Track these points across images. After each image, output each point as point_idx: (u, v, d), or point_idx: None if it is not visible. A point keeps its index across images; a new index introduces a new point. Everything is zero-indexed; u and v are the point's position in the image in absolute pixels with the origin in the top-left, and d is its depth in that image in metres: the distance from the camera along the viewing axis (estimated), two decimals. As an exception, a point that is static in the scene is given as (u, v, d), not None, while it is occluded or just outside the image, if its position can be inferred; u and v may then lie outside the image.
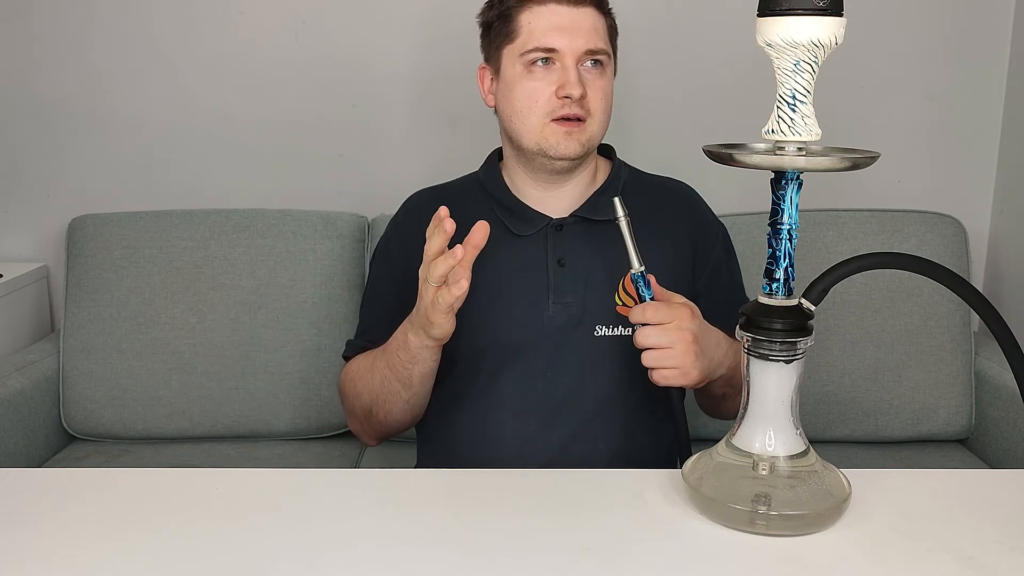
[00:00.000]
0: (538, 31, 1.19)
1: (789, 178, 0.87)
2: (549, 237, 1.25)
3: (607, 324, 1.22)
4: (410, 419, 1.25)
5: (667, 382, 1.07)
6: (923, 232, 1.80)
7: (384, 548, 0.86)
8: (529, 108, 1.20)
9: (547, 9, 1.19)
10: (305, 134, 2.00)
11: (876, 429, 1.79)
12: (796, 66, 0.83)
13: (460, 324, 1.23)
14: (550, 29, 1.18)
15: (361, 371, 1.24)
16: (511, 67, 1.22)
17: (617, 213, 1.07)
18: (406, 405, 1.20)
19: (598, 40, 1.20)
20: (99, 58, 1.97)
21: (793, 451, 0.90)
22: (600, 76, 1.21)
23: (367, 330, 1.32)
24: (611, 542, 0.86)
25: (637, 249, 1.08)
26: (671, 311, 1.05)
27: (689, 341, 1.05)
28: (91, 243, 1.83)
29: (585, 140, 1.20)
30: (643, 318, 1.05)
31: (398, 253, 1.30)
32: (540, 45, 1.18)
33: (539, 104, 1.19)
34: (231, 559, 0.84)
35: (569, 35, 1.18)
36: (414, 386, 1.17)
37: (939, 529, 0.89)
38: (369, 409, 1.23)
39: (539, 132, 1.20)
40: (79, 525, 0.91)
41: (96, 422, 1.82)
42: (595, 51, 1.19)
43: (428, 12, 1.93)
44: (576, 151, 1.20)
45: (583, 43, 1.18)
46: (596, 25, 1.20)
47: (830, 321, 1.77)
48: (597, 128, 1.21)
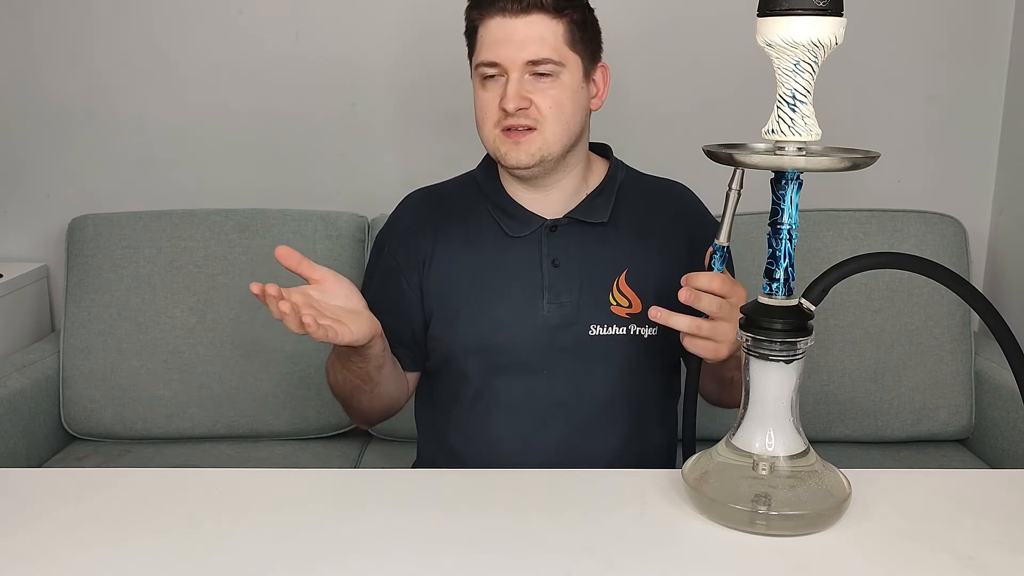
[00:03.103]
0: (485, 45, 1.20)
1: (789, 178, 0.87)
2: (543, 238, 1.25)
3: (602, 324, 1.22)
4: (384, 407, 1.27)
5: (697, 350, 1.05)
6: (923, 232, 1.80)
7: (384, 548, 0.86)
8: (483, 119, 1.22)
9: (494, 22, 1.19)
10: (305, 134, 2.00)
11: (876, 429, 1.79)
12: (796, 66, 0.83)
13: (455, 324, 1.25)
14: (493, 42, 1.19)
15: (331, 369, 1.25)
16: (474, 79, 1.24)
17: (734, 185, 1.04)
18: (372, 395, 1.22)
19: (542, 49, 1.17)
20: (99, 58, 1.97)
21: (793, 451, 0.90)
22: (551, 85, 1.19)
23: None
24: (611, 542, 0.86)
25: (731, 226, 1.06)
26: (734, 287, 1.05)
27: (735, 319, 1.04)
28: (91, 243, 1.83)
29: (536, 150, 1.19)
30: (709, 286, 1.03)
31: (390, 251, 1.31)
32: (484, 60, 1.20)
33: (489, 116, 1.21)
34: (231, 559, 0.84)
35: (509, 47, 1.17)
36: (373, 379, 1.19)
37: (939, 529, 0.89)
38: (347, 401, 1.26)
39: (492, 142, 1.22)
40: (79, 525, 0.91)
41: (96, 422, 1.82)
42: (537, 61, 1.17)
43: (428, 12, 1.93)
44: (525, 160, 1.20)
45: (523, 55, 1.17)
46: (543, 33, 1.18)
47: (830, 321, 1.77)
48: (551, 136, 1.20)
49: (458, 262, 1.26)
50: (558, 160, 1.22)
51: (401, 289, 1.28)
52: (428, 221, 1.30)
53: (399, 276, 1.28)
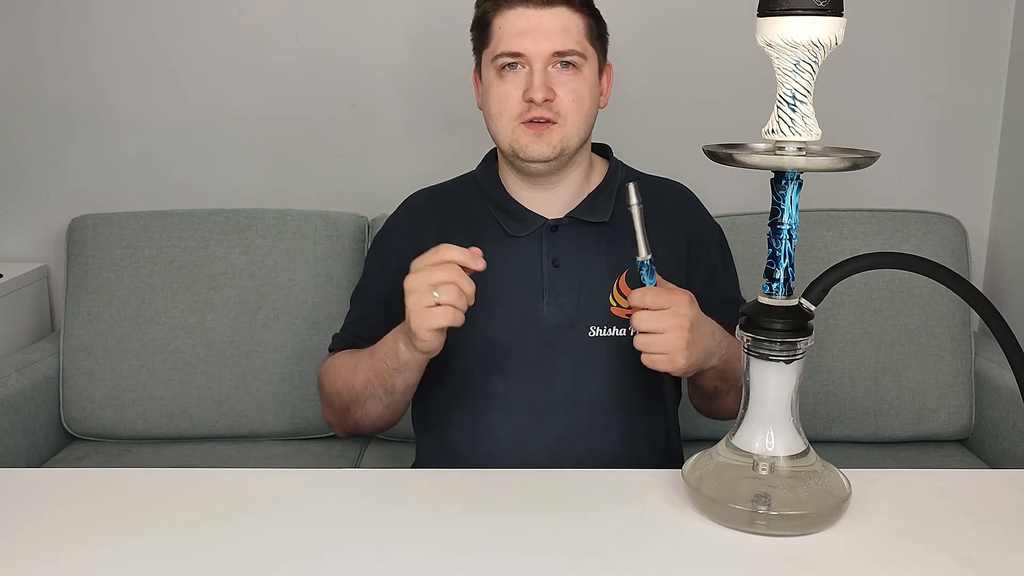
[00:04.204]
0: (505, 36, 1.19)
1: (789, 178, 0.87)
2: (544, 238, 1.25)
3: (601, 325, 1.22)
4: (386, 423, 1.25)
5: (654, 366, 1.06)
6: (923, 232, 1.80)
7: (384, 548, 0.86)
8: (500, 112, 1.21)
9: (514, 13, 1.19)
10: (305, 134, 2.00)
11: (876, 429, 1.79)
12: (796, 66, 0.83)
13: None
14: (516, 33, 1.18)
15: (343, 368, 1.24)
16: (487, 71, 1.23)
17: (631, 200, 1.05)
18: (385, 410, 1.21)
19: (568, 41, 1.18)
20: (99, 58, 1.97)
21: (793, 451, 0.90)
22: (573, 77, 1.20)
23: (354, 324, 1.34)
24: (611, 542, 0.86)
25: (647, 238, 1.07)
26: (669, 297, 1.05)
27: (684, 328, 1.05)
28: (91, 243, 1.83)
29: (557, 142, 1.20)
30: (642, 302, 1.05)
31: (391, 252, 1.30)
32: (506, 50, 1.19)
33: (508, 108, 1.20)
34: (231, 559, 0.84)
35: (535, 38, 1.17)
36: (396, 393, 1.17)
37: (939, 529, 0.89)
38: (347, 407, 1.23)
39: (511, 135, 1.21)
40: (79, 525, 0.91)
41: (96, 422, 1.82)
42: (564, 52, 1.18)
43: (428, 12, 1.93)
44: (547, 153, 1.20)
45: (550, 45, 1.17)
46: (567, 25, 1.19)
47: (830, 321, 1.77)
48: (571, 130, 1.20)
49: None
50: (572, 155, 1.23)
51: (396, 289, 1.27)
52: (432, 221, 1.30)
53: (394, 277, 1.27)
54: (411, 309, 1.04)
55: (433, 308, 1.02)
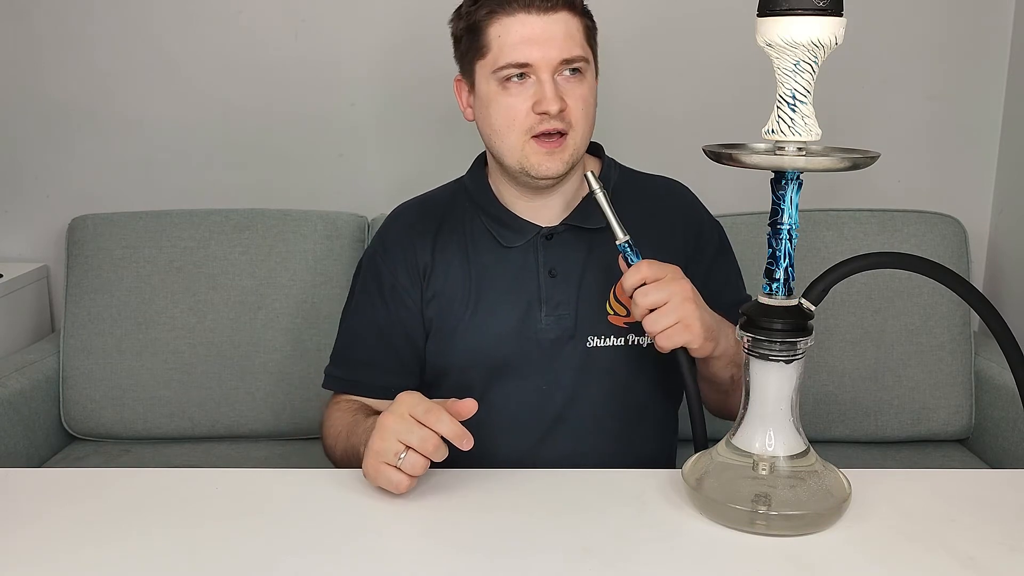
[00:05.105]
0: (509, 45, 1.12)
1: (789, 178, 0.87)
2: (539, 247, 1.22)
3: (600, 335, 1.20)
4: None
5: (671, 340, 1.02)
6: (923, 232, 1.80)
7: (384, 548, 0.86)
8: (507, 127, 1.14)
9: (516, 20, 1.11)
10: (305, 134, 2.00)
11: (876, 429, 1.79)
12: (796, 66, 0.83)
13: (451, 338, 1.22)
14: (521, 42, 1.11)
15: (337, 428, 1.20)
16: (485, 84, 1.15)
17: (592, 187, 1.03)
18: None
19: (574, 47, 1.12)
20: (99, 58, 1.97)
21: (793, 451, 0.90)
22: (580, 84, 1.14)
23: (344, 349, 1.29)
24: (611, 542, 0.87)
25: (619, 219, 1.04)
26: (664, 265, 1.03)
27: (688, 291, 1.02)
28: (91, 243, 1.83)
29: (568, 157, 1.15)
30: (639, 276, 1.01)
31: (382, 271, 1.26)
32: (512, 61, 1.11)
33: (517, 122, 1.13)
34: (231, 559, 0.84)
35: (542, 47, 1.11)
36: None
37: (939, 529, 0.89)
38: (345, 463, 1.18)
39: (520, 151, 1.15)
40: (79, 525, 0.91)
41: (96, 422, 1.82)
42: (571, 59, 1.12)
43: (428, 12, 1.92)
44: (559, 169, 1.15)
45: (557, 53, 1.11)
46: (570, 30, 1.12)
47: (830, 321, 1.77)
48: (580, 140, 1.16)
49: (455, 274, 1.23)
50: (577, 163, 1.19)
51: (407, 308, 1.24)
52: (423, 233, 1.26)
53: (404, 295, 1.24)
54: (371, 451, 0.96)
55: (389, 468, 0.94)
